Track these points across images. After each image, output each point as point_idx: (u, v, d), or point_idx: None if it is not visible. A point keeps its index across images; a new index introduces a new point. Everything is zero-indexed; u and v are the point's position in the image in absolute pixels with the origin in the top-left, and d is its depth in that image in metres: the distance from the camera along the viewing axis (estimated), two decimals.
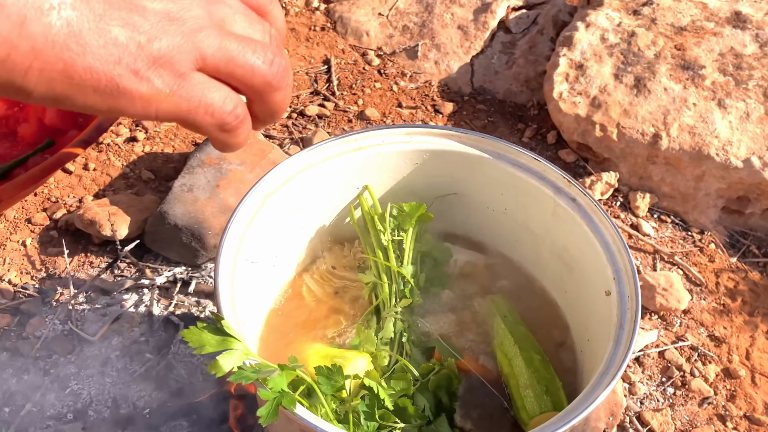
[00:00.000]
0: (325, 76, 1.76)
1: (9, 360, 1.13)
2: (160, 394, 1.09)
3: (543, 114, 1.64)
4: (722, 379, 1.20)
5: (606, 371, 0.66)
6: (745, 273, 1.36)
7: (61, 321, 1.18)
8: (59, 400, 1.08)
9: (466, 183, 0.88)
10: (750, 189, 1.38)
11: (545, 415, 0.73)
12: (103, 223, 1.24)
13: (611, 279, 0.73)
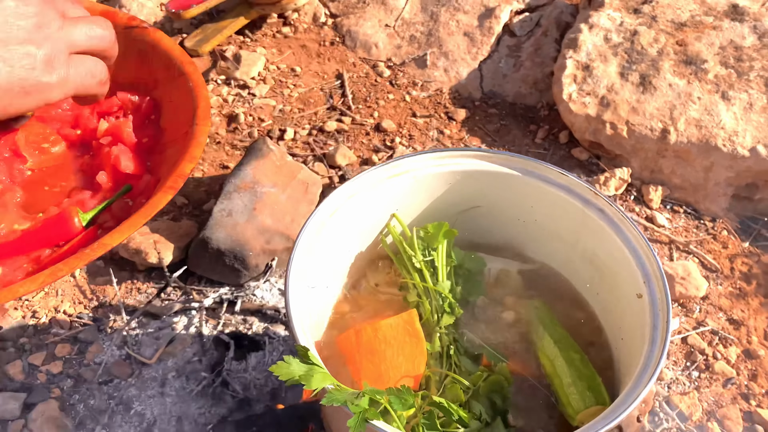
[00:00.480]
0: (339, 91, 1.83)
1: (74, 386, 1.20)
2: (218, 409, 1.16)
3: (554, 114, 1.70)
4: (743, 360, 1.27)
5: (645, 369, 0.73)
6: (758, 257, 1.43)
7: (118, 346, 1.26)
8: (126, 422, 1.16)
9: (498, 198, 0.95)
10: (758, 176, 1.45)
11: (590, 410, 0.80)
12: (149, 251, 1.31)
13: (642, 283, 0.80)
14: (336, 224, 0.87)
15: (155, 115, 0.88)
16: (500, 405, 0.80)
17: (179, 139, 0.80)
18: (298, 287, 0.78)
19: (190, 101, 0.82)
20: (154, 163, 0.82)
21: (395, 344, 0.81)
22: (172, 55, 0.88)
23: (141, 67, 0.91)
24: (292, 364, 0.65)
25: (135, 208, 0.77)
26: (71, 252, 0.71)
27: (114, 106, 0.88)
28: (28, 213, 0.78)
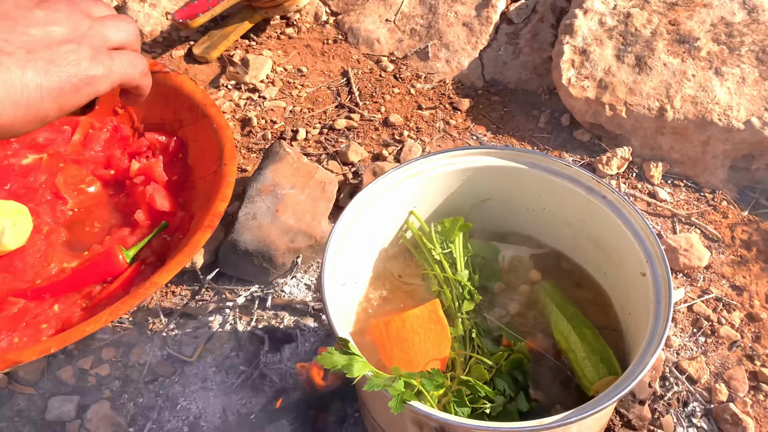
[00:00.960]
0: (346, 89, 1.89)
1: (122, 387, 1.29)
2: (259, 399, 1.25)
3: (554, 98, 1.76)
4: (746, 323, 1.35)
5: (651, 340, 0.81)
6: (757, 224, 1.50)
7: (159, 347, 1.34)
8: (173, 416, 1.25)
9: (507, 191, 1.02)
10: (753, 147, 1.51)
11: (604, 380, 0.88)
12: None
13: (644, 262, 0.87)
14: (360, 225, 0.95)
15: (182, 154, 0.95)
16: (522, 380, 0.89)
17: (208, 177, 0.87)
18: (332, 286, 0.86)
19: (215, 141, 0.89)
20: (186, 199, 0.90)
21: (422, 332, 0.89)
22: (194, 98, 0.95)
23: (165, 109, 0.98)
24: (334, 355, 0.73)
25: (174, 243, 0.84)
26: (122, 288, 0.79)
27: (143, 147, 0.95)
28: (74, 251, 0.85)
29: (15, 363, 0.65)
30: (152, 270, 0.81)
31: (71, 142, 0.96)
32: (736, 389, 1.24)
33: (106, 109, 1.00)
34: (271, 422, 1.20)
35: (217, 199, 0.81)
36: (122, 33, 0.67)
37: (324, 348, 0.76)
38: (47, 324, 0.75)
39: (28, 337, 0.74)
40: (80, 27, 0.63)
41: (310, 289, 1.41)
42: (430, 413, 0.73)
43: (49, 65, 0.59)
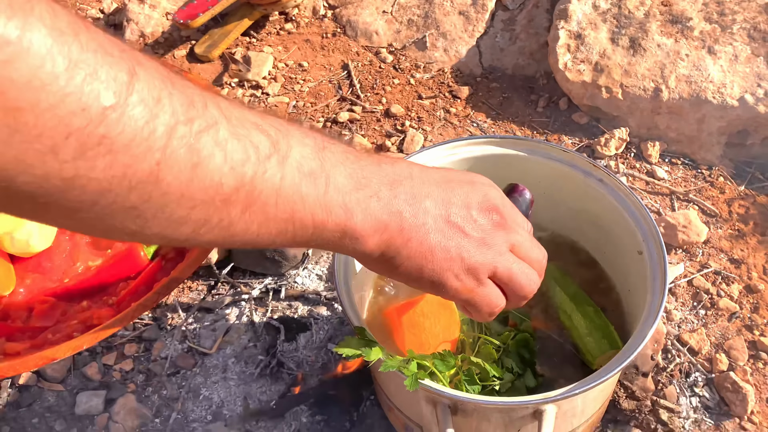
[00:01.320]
0: (347, 81, 1.93)
1: (146, 380, 1.35)
2: (278, 386, 1.31)
3: (552, 82, 1.80)
4: (745, 295, 1.39)
5: (649, 315, 0.85)
6: (754, 198, 1.54)
7: (180, 341, 1.40)
8: (197, 406, 1.30)
9: (507, 178, 1.06)
10: (747, 123, 1.55)
11: (606, 354, 0.93)
12: None
13: (641, 241, 0.92)
14: None
15: None
16: (528, 358, 0.93)
17: None
18: (344, 277, 0.91)
19: None
20: None
21: (432, 317, 0.94)
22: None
23: None
24: (351, 342, 0.78)
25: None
26: (143, 283, 0.83)
27: None
28: (98, 250, 0.90)
29: (51, 360, 0.70)
30: (172, 265, 0.86)
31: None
32: (736, 358, 1.28)
33: None
34: (291, 407, 1.25)
35: None
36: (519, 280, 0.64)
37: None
38: (77, 320, 0.80)
39: (60, 333, 0.79)
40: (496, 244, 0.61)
41: (321, 279, 1.46)
42: (442, 391, 0.78)
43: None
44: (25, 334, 0.78)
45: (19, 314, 0.81)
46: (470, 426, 0.86)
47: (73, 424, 1.28)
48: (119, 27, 2.17)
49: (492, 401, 0.79)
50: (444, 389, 0.78)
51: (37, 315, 0.81)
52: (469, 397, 0.79)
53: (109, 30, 2.18)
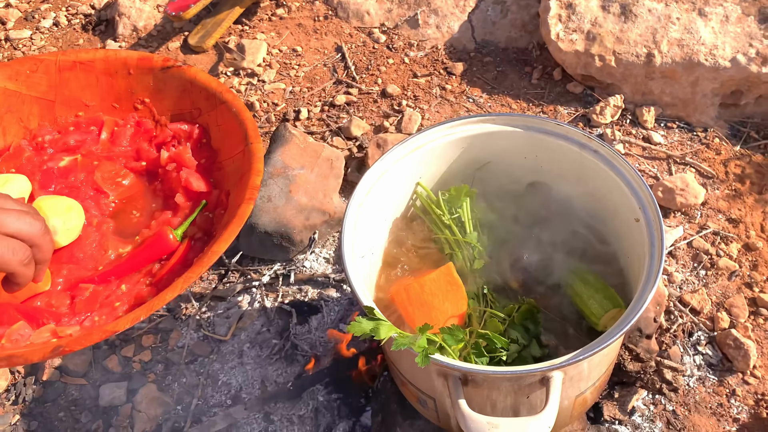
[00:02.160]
0: (341, 64, 1.94)
1: (165, 370, 1.39)
2: (293, 368, 1.35)
3: (545, 53, 1.81)
4: (744, 253, 1.42)
5: (648, 278, 0.88)
6: (749, 157, 1.56)
7: (195, 330, 1.44)
8: (216, 392, 1.35)
9: (506, 154, 1.09)
10: (741, 83, 1.56)
11: (610, 313, 0.96)
12: None
13: (637, 209, 0.94)
14: (372, 201, 1.02)
15: (206, 139, 1.02)
16: (533, 329, 0.97)
17: (236, 157, 0.95)
18: (352, 260, 0.94)
19: (237, 124, 0.96)
20: (217, 179, 0.97)
21: (440, 294, 0.97)
22: (210, 87, 1.01)
23: (182, 100, 1.04)
24: (362, 322, 0.81)
25: (216, 218, 0.92)
26: (180, 263, 0.87)
27: (168, 136, 1.03)
28: (125, 238, 0.93)
29: (113, 332, 0.74)
30: (202, 245, 0.89)
31: (100, 140, 1.03)
32: (737, 316, 1.32)
33: (127, 106, 1.08)
34: (307, 388, 1.29)
35: (252, 174, 0.89)
36: (22, 224, 0.73)
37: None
38: (120, 302, 0.84)
39: (106, 315, 0.83)
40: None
41: (329, 262, 1.49)
42: (452, 364, 0.81)
43: None
44: (72, 319, 0.82)
45: (62, 302, 0.85)
46: (481, 395, 0.90)
47: (99, 416, 1.33)
48: (111, 22, 2.18)
49: (500, 371, 0.82)
50: (454, 362, 0.82)
51: (80, 303, 0.85)
52: (478, 368, 0.82)
53: (101, 26, 2.18)
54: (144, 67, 1.06)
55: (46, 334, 0.81)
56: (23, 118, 1.04)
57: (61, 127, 1.05)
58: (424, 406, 1.03)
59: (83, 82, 1.06)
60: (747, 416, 1.21)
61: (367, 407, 1.25)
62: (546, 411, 0.80)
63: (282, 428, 1.27)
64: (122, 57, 1.06)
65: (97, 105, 1.07)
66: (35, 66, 1.04)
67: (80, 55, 1.06)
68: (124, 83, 1.07)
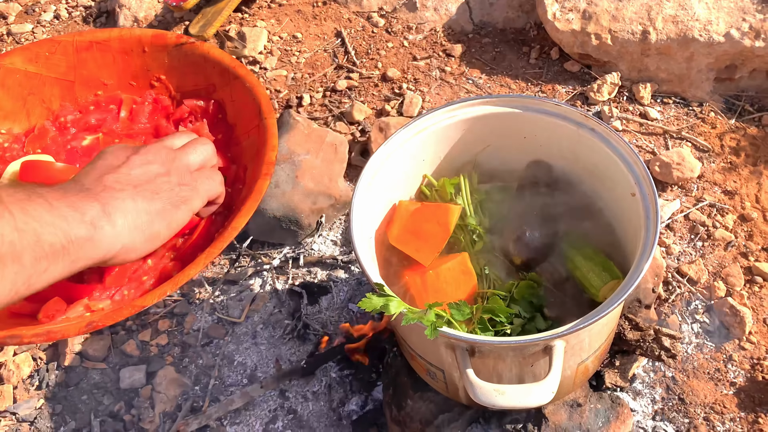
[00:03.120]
0: (341, 49, 1.97)
1: (182, 352, 1.44)
2: (306, 347, 1.40)
3: (542, 33, 1.83)
4: (739, 224, 1.46)
5: (644, 251, 0.92)
6: (744, 130, 1.59)
7: (209, 313, 1.49)
8: (232, 372, 1.40)
9: (505, 134, 1.12)
10: (735, 57, 1.59)
11: (608, 284, 1.01)
12: None
13: (633, 184, 0.98)
14: (378, 184, 1.06)
15: (221, 114, 1.05)
16: (536, 303, 1.01)
17: (251, 132, 0.98)
18: (361, 239, 0.98)
19: (251, 99, 0.99)
20: (234, 154, 1.00)
21: (453, 282, 1.01)
22: (223, 62, 1.04)
23: (197, 76, 1.07)
24: (372, 298, 0.85)
25: (235, 193, 0.95)
26: (201, 237, 0.90)
27: (185, 113, 1.05)
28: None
29: (142, 308, 0.77)
30: (222, 219, 0.92)
31: (120, 118, 1.06)
32: (733, 285, 1.36)
33: (144, 83, 1.10)
34: (319, 365, 1.35)
35: (267, 150, 0.92)
36: (200, 156, 0.84)
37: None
38: (147, 276, 0.88)
39: (134, 289, 0.87)
40: (168, 161, 0.80)
41: (336, 244, 1.54)
42: (460, 336, 0.86)
43: (152, 194, 0.76)
44: (103, 293, 0.86)
45: (92, 277, 0.88)
46: (488, 366, 0.94)
47: (120, 398, 1.38)
48: (111, 14, 2.20)
49: (505, 341, 0.87)
50: (461, 334, 0.86)
51: (110, 278, 0.88)
52: (484, 338, 0.87)
53: (102, 17, 2.21)
54: (158, 45, 1.08)
55: (80, 308, 0.85)
56: (45, 99, 1.06)
57: (81, 106, 1.08)
58: (433, 378, 1.08)
59: (100, 61, 1.08)
60: (743, 380, 1.26)
61: (378, 381, 1.31)
62: (549, 377, 0.85)
63: (297, 404, 1.32)
64: (137, 35, 1.08)
65: (114, 83, 1.09)
66: (54, 48, 1.06)
67: (96, 35, 1.08)
68: (139, 61, 1.09)
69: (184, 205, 0.78)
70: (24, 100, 1.05)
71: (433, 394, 1.16)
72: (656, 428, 1.22)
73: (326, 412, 1.31)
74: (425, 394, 1.16)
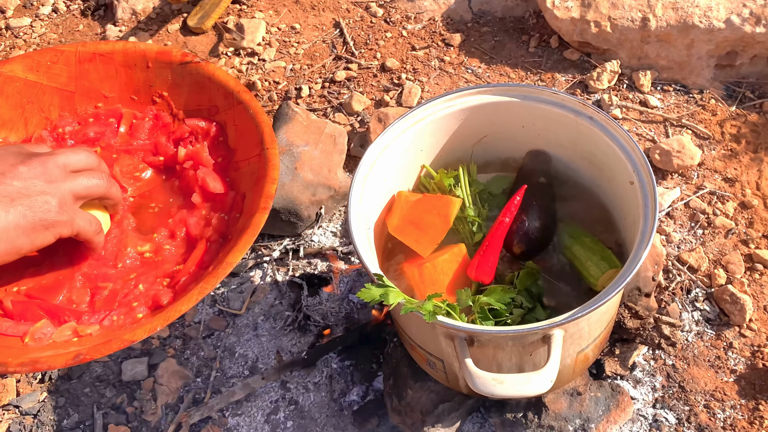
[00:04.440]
0: (340, 40, 1.96)
1: (183, 344, 1.45)
2: (306, 338, 1.40)
3: (542, 21, 1.82)
4: (740, 211, 1.46)
5: (642, 238, 0.92)
6: (745, 117, 1.59)
7: (210, 305, 1.49)
8: (234, 363, 1.40)
9: (503, 124, 1.12)
10: (735, 44, 1.58)
11: (607, 273, 1.00)
12: None
13: (631, 172, 0.98)
14: (376, 174, 1.06)
15: (222, 137, 1.04)
16: (536, 292, 1.01)
17: (252, 160, 0.96)
18: (359, 231, 0.98)
19: (253, 125, 0.97)
20: (232, 179, 0.99)
21: (450, 273, 1.01)
22: (228, 86, 1.02)
23: (200, 96, 1.05)
24: (372, 289, 0.85)
25: (231, 221, 0.94)
26: (198, 265, 0.90)
27: (185, 132, 1.04)
28: (144, 235, 0.96)
29: (131, 342, 0.77)
30: (217, 247, 0.92)
31: (119, 133, 1.05)
32: (733, 272, 1.36)
33: (145, 99, 1.09)
34: (320, 356, 1.35)
35: (267, 182, 0.90)
36: (91, 187, 0.86)
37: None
38: (137, 302, 0.87)
39: (124, 315, 0.86)
40: (56, 179, 0.82)
41: (336, 236, 1.54)
42: (458, 325, 0.86)
43: (26, 210, 0.78)
44: (92, 317, 0.86)
45: (82, 299, 0.88)
46: (487, 356, 0.95)
47: (122, 390, 1.39)
48: (110, 7, 2.19)
49: (502, 330, 0.87)
50: (459, 324, 0.86)
51: (100, 301, 0.88)
52: (482, 328, 0.87)
53: (99, 11, 2.20)
54: (162, 61, 1.07)
55: (67, 332, 0.84)
56: (44, 108, 1.06)
57: (81, 118, 1.07)
58: (432, 368, 1.09)
59: (102, 73, 1.07)
60: (744, 367, 1.26)
61: (379, 372, 1.31)
62: (548, 366, 0.85)
63: (298, 395, 1.33)
64: (141, 49, 1.07)
65: (116, 97, 1.08)
66: (56, 57, 1.06)
67: (100, 47, 1.07)
68: (142, 76, 1.08)
69: (54, 228, 0.81)
70: (22, 109, 1.04)
71: (433, 384, 1.16)
72: (656, 416, 1.22)
73: (327, 402, 1.31)
74: (425, 384, 1.16)
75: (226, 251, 0.86)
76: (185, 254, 0.93)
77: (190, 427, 1.30)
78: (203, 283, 0.81)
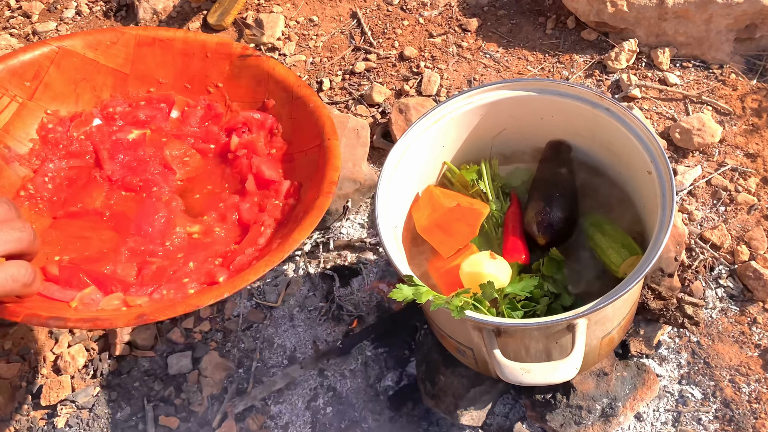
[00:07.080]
0: (358, 30, 1.99)
1: (224, 337, 1.52)
2: (340, 327, 1.46)
3: (558, 2, 1.82)
4: (762, 186, 1.47)
5: (660, 228, 0.95)
6: (766, 90, 1.58)
7: (247, 299, 1.56)
8: (273, 353, 1.47)
9: (523, 117, 1.15)
10: (754, 17, 1.57)
11: (628, 260, 1.04)
12: None
13: (648, 161, 1.00)
14: (400, 173, 1.10)
15: (277, 130, 1.07)
16: (561, 280, 1.05)
17: (309, 152, 0.99)
18: (386, 231, 1.03)
19: (312, 119, 1.00)
20: (286, 170, 1.03)
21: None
22: (288, 81, 1.05)
23: (257, 89, 1.07)
24: (403, 289, 0.90)
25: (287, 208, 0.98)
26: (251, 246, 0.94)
27: (238, 123, 1.07)
28: (193, 217, 1.00)
29: (197, 307, 0.78)
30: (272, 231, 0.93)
31: (170, 118, 1.06)
32: (756, 248, 1.38)
33: (199, 88, 1.09)
34: (355, 344, 1.41)
35: (329, 170, 0.92)
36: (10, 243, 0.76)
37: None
38: (188, 279, 0.89)
39: (174, 290, 0.87)
40: None
41: (364, 227, 1.59)
42: (484, 319, 0.91)
43: None
44: (140, 290, 0.87)
45: (128, 272, 0.89)
46: (516, 343, 0.99)
47: (170, 383, 1.47)
48: (131, 7, 2.24)
49: (526, 323, 0.91)
50: (486, 318, 0.91)
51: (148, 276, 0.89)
52: (507, 321, 0.92)
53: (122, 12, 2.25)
54: (222, 53, 1.08)
55: (116, 301, 0.85)
56: (97, 87, 1.07)
57: (132, 100, 1.08)
58: (463, 356, 1.14)
59: (159, 59, 1.09)
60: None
61: (411, 358, 1.37)
62: (572, 355, 0.89)
63: (336, 382, 1.40)
64: (201, 39, 1.08)
65: (169, 83, 1.10)
66: (116, 38, 1.07)
67: (160, 33, 1.09)
68: (199, 65, 1.09)
69: None
70: (75, 85, 1.05)
71: (464, 369, 1.21)
72: (683, 392, 1.26)
73: (364, 388, 1.38)
74: (457, 370, 1.22)
75: (290, 230, 0.89)
76: (238, 237, 0.96)
77: (235, 416, 1.38)
78: (270, 256, 0.84)
